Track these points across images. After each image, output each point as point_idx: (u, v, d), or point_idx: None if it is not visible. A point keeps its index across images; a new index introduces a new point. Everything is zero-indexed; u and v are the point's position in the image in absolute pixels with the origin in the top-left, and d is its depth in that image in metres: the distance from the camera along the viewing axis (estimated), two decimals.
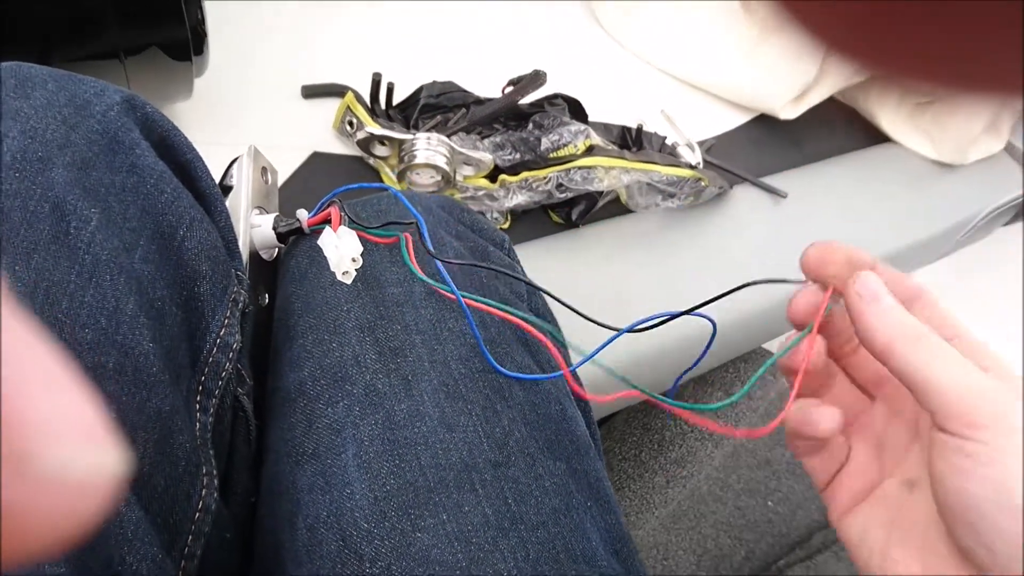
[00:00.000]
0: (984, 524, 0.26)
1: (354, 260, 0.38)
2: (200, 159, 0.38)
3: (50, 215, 0.30)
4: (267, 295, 0.44)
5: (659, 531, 0.89)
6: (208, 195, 0.38)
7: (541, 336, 0.38)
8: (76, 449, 0.09)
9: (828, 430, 0.32)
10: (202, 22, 0.50)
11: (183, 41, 0.49)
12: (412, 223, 0.40)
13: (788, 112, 0.84)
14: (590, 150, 0.64)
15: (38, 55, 0.46)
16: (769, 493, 1.02)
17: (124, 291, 0.31)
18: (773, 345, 1.00)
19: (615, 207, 0.69)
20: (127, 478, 0.10)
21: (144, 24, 0.47)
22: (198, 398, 0.34)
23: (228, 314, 0.36)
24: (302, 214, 0.42)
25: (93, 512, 0.09)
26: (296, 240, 0.43)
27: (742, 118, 0.86)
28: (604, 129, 0.72)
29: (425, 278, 0.38)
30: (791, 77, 0.83)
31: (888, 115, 0.89)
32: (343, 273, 0.38)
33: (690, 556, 0.93)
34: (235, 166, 0.43)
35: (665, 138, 0.74)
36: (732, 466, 1.00)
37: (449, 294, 0.36)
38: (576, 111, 0.70)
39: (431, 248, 0.37)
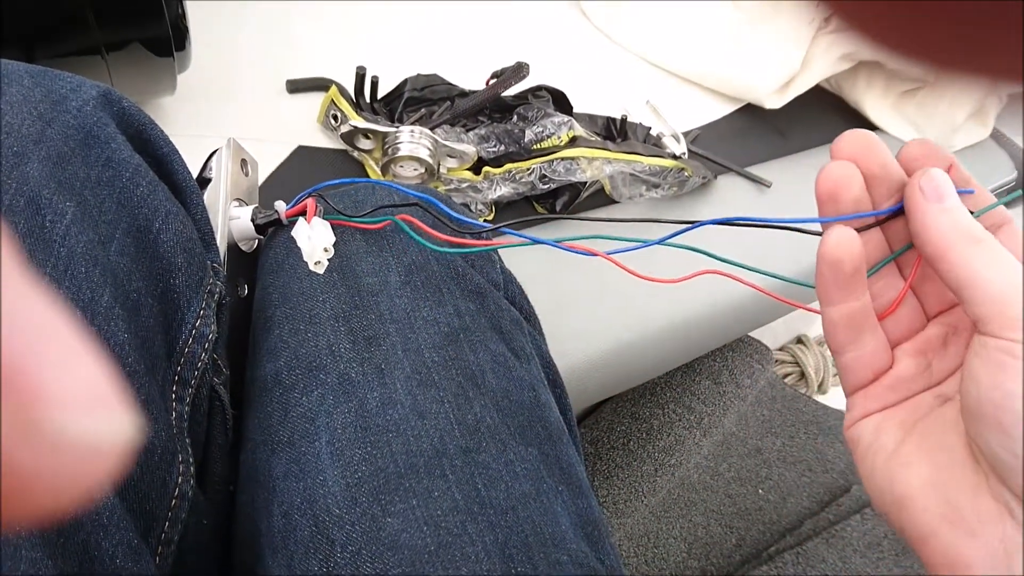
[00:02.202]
0: (1014, 423, 0.26)
1: (326, 250, 0.38)
2: (176, 152, 0.39)
3: (25, 209, 0.31)
4: (246, 286, 0.45)
5: (649, 519, 0.89)
6: (185, 188, 0.39)
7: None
8: (88, 414, 0.09)
9: (836, 245, 0.30)
10: (183, 17, 0.51)
11: (164, 37, 0.50)
12: (414, 203, 0.41)
13: (773, 101, 0.84)
14: (573, 141, 0.65)
15: (19, 53, 0.47)
16: (760, 481, 1.03)
17: (99, 283, 0.32)
18: (759, 333, 1.01)
19: (599, 198, 0.70)
20: (138, 444, 0.10)
21: (124, 20, 0.48)
22: (174, 388, 0.35)
23: (203, 305, 0.37)
24: (280, 205, 0.43)
25: (104, 477, 0.09)
26: (274, 232, 0.44)
27: (727, 108, 0.86)
28: (589, 120, 0.73)
29: (442, 248, 0.39)
30: (776, 66, 0.83)
31: (874, 103, 0.89)
32: (315, 263, 0.38)
33: (680, 544, 0.93)
34: (214, 159, 0.44)
35: (650, 129, 0.74)
36: (722, 454, 1.01)
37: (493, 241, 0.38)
38: (560, 102, 0.70)
39: (460, 218, 0.38)
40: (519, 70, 0.64)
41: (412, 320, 0.39)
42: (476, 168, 0.64)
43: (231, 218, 0.43)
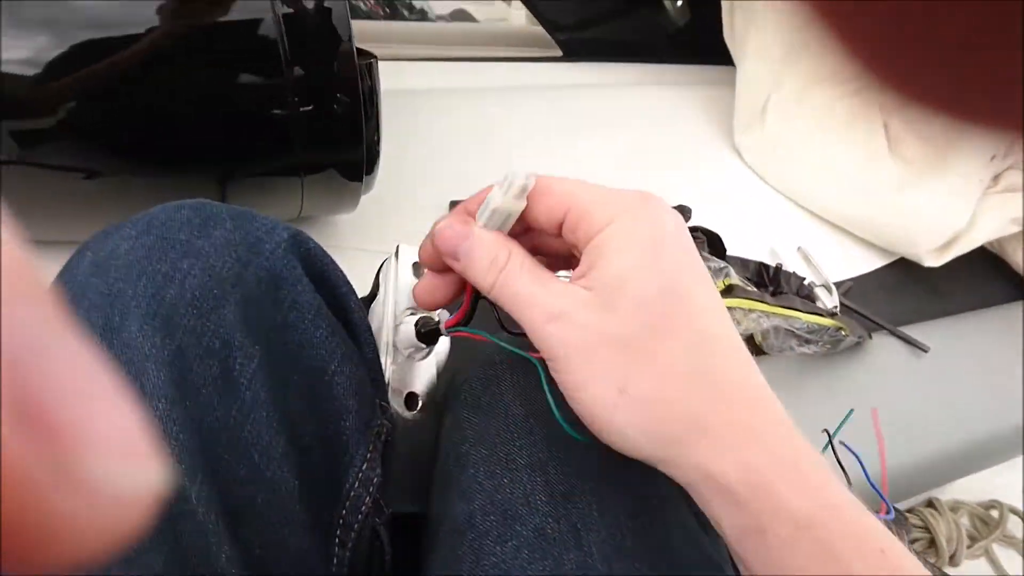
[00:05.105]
0: None
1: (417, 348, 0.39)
2: (354, 293, 0.40)
3: (220, 352, 0.32)
4: (420, 400, 0.44)
5: None
6: (358, 326, 0.39)
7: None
8: (122, 462, 0.09)
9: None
10: (377, 142, 0.53)
11: (358, 161, 0.52)
12: None
13: (933, 259, 0.81)
14: (729, 289, 0.63)
15: (224, 172, 0.49)
16: None
17: (277, 428, 0.32)
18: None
19: (748, 348, 0.68)
20: (168, 495, 0.10)
21: (325, 145, 0.50)
22: (338, 532, 0.35)
23: (371, 448, 0.37)
24: (442, 315, 0.42)
25: (134, 526, 0.09)
26: (473, 366, 0.43)
27: (880, 261, 0.84)
28: (741, 264, 0.72)
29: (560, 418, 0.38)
30: (941, 223, 0.80)
31: None
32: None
33: None
34: (381, 271, 0.45)
35: (804, 279, 0.72)
36: None
37: None
38: (715, 245, 0.70)
39: None
40: (681, 213, 0.64)
41: (606, 479, 0.38)
42: None
43: (396, 324, 0.43)
